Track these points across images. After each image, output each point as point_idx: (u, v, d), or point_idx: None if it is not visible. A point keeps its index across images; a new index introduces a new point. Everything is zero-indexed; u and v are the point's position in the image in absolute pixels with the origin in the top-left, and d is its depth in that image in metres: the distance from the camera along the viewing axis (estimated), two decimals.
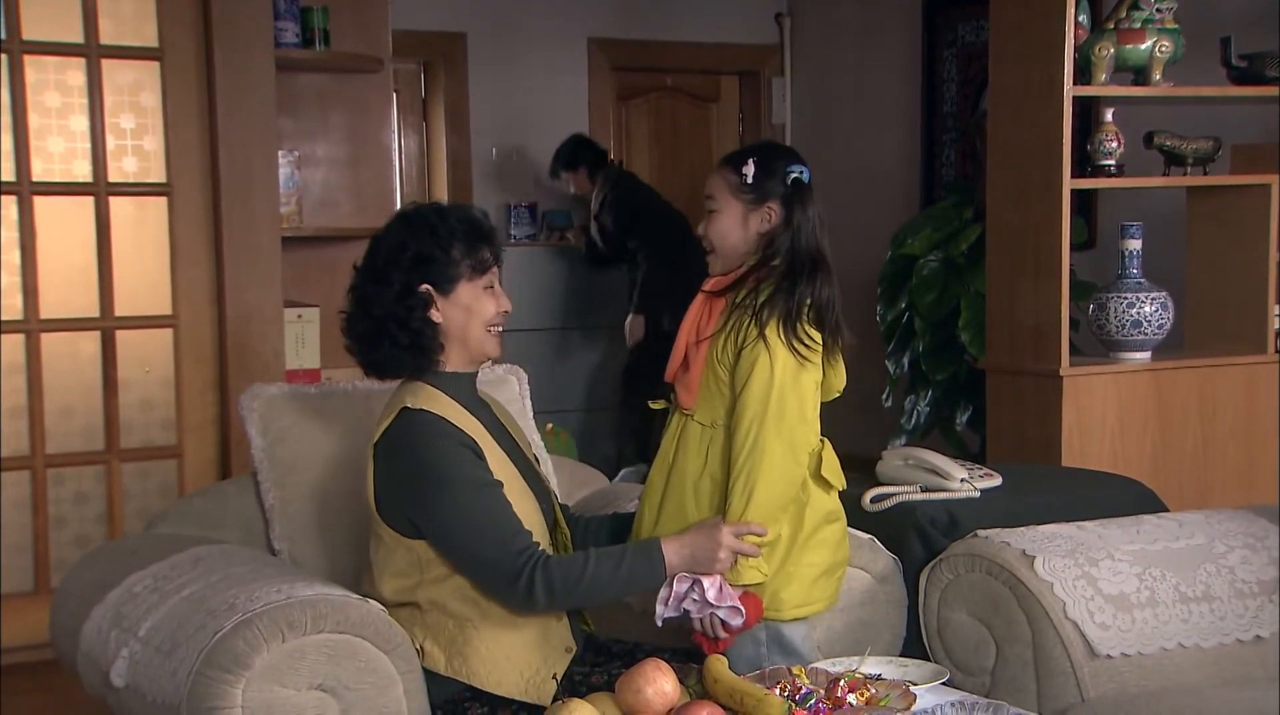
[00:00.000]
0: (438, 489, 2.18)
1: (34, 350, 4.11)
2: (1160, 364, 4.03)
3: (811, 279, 2.37)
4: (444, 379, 2.29)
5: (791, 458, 2.34)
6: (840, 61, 6.98)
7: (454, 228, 2.26)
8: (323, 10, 4.36)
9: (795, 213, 2.40)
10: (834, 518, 2.48)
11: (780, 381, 2.32)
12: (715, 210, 2.46)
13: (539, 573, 2.16)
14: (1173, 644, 2.52)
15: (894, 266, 5.49)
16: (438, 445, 2.20)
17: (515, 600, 2.19)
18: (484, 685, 2.24)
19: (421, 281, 2.24)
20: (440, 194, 6.67)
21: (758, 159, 2.44)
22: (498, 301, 2.30)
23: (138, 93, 4.21)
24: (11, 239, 4.08)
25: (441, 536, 2.21)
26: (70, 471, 4.21)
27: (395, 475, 2.22)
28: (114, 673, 2.28)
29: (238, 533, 2.70)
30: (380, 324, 2.25)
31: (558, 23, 6.73)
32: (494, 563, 2.17)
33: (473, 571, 2.21)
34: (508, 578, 2.17)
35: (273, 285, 4.19)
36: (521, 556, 2.16)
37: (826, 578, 2.46)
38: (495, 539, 2.17)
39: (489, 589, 2.21)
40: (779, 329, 2.34)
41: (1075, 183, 3.92)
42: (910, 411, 5.44)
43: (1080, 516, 2.77)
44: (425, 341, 2.25)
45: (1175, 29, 3.97)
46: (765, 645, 2.40)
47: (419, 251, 2.24)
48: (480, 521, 2.18)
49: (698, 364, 2.40)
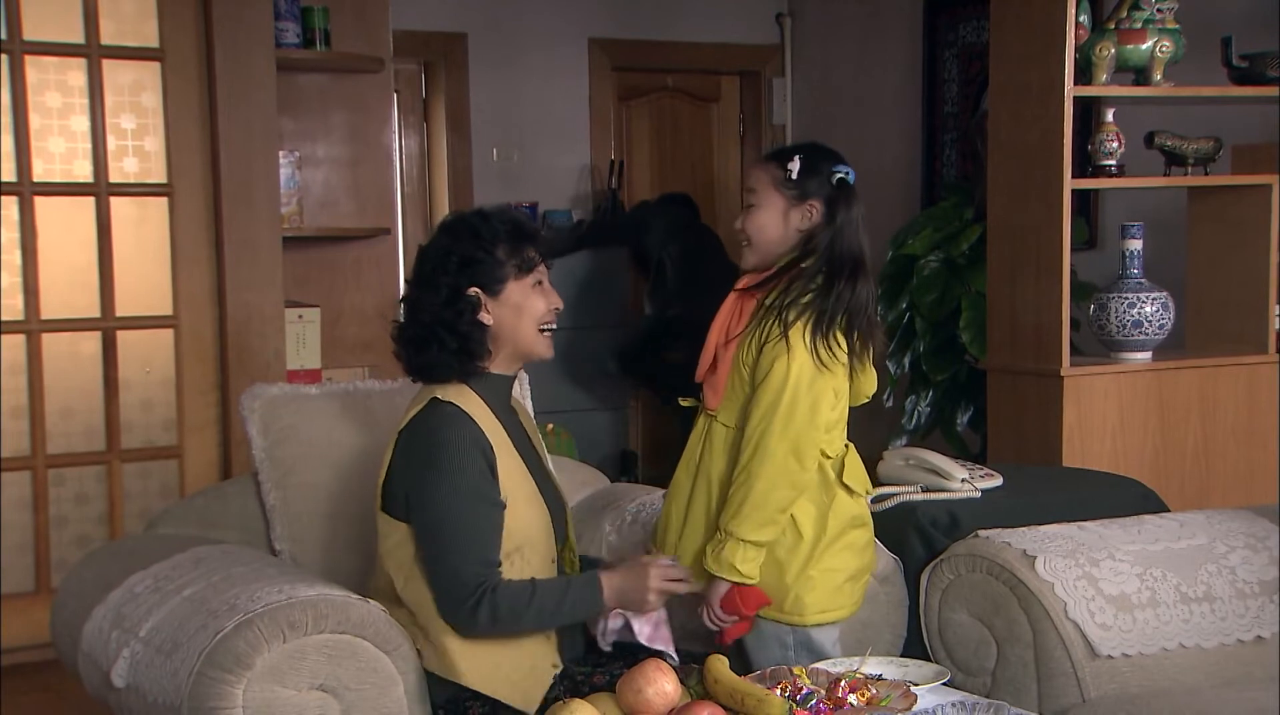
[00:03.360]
0: (440, 480, 2.20)
1: (35, 350, 4.11)
2: (1161, 364, 4.02)
3: (851, 281, 2.37)
4: (481, 380, 2.31)
5: (795, 461, 2.33)
6: (841, 61, 6.97)
7: (497, 229, 2.29)
8: (323, 10, 4.36)
9: (839, 212, 2.39)
10: (859, 523, 2.47)
11: (794, 383, 2.31)
12: (755, 204, 2.43)
13: (487, 598, 2.17)
14: (1174, 644, 2.52)
15: (895, 267, 5.48)
16: (457, 443, 2.22)
17: (459, 616, 2.20)
18: (474, 685, 2.25)
19: (470, 285, 2.27)
20: (441, 194, 6.67)
21: (804, 156, 2.43)
22: (548, 298, 2.33)
23: (138, 93, 4.22)
24: (12, 239, 4.09)
25: (422, 524, 2.22)
26: (71, 472, 4.21)
27: (408, 456, 2.24)
28: (115, 673, 2.28)
29: (238, 533, 2.70)
30: (429, 329, 2.27)
31: (558, 23, 6.72)
32: (453, 572, 2.19)
33: (431, 569, 2.22)
34: (460, 593, 2.18)
35: (273, 285, 4.19)
36: (478, 578, 2.18)
37: (852, 583, 2.45)
38: (466, 552, 2.18)
39: (437, 595, 2.22)
40: (805, 331, 2.33)
41: (1076, 183, 3.92)
42: (911, 412, 5.44)
43: (1081, 516, 2.77)
44: (473, 345, 2.27)
45: (1176, 29, 3.97)
46: (793, 649, 2.40)
47: (464, 255, 2.27)
48: (461, 530, 2.19)
49: (725, 365, 2.40)
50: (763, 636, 2.42)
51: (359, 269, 4.58)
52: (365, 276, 4.58)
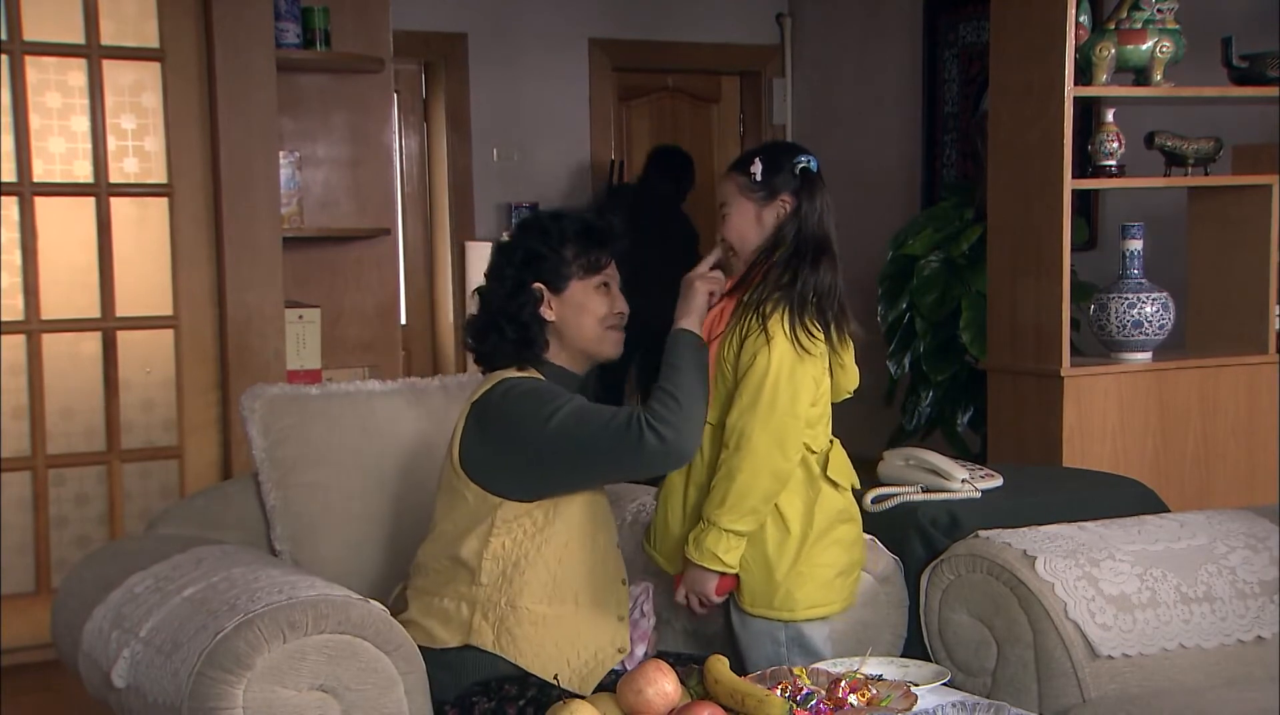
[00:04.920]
0: (535, 414, 2.24)
1: (35, 351, 4.11)
2: (1161, 364, 4.02)
3: (815, 265, 2.38)
4: (549, 368, 2.36)
5: (778, 451, 2.33)
6: (841, 62, 6.98)
7: (566, 229, 2.35)
8: (324, 11, 4.36)
9: (803, 201, 2.41)
10: (847, 517, 2.48)
11: (775, 373, 2.33)
12: (729, 213, 2.46)
13: (649, 426, 2.20)
14: (1174, 644, 2.52)
15: (895, 267, 5.49)
16: (537, 387, 2.29)
17: (650, 457, 2.22)
18: (529, 668, 2.26)
19: (534, 279, 2.33)
20: (441, 195, 6.68)
21: (764, 157, 2.45)
22: (612, 302, 2.37)
23: (139, 93, 4.22)
24: (13, 240, 4.09)
25: (555, 453, 2.24)
26: (71, 472, 4.21)
27: (488, 427, 2.28)
28: (115, 673, 2.28)
29: (239, 533, 2.70)
30: (492, 318, 2.35)
31: (559, 23, 6.73)
32: (610, 432, 2.21)
33: (594, 457, 2.24)
34: (628, 441, 2.20)
35: (274, 286, 4.19)
36: (629, 420, 2.21)
37: (842, 578, 2.46)
38: (600, 422, 2.22)
39: (624, 467, 2.26)
40: (783, 320, 2.34)
41: (1076, 183, 3.92)
42: (911, 412, 5.44)
43: (1081, 517, 2.77)
44: (531, 335, 2.33)
45: (1176, 29, 3.97)
46: (785, 645, 2.40)
47: (530, 249, 2.34)
48: (580, 417, 2.23)
49: (709, 365, 2.41)
50: (754, 633, 2.42)
51: (359, 269, 4.58)
52: (365, 277, 4.58)
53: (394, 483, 2.69)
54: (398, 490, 2.69)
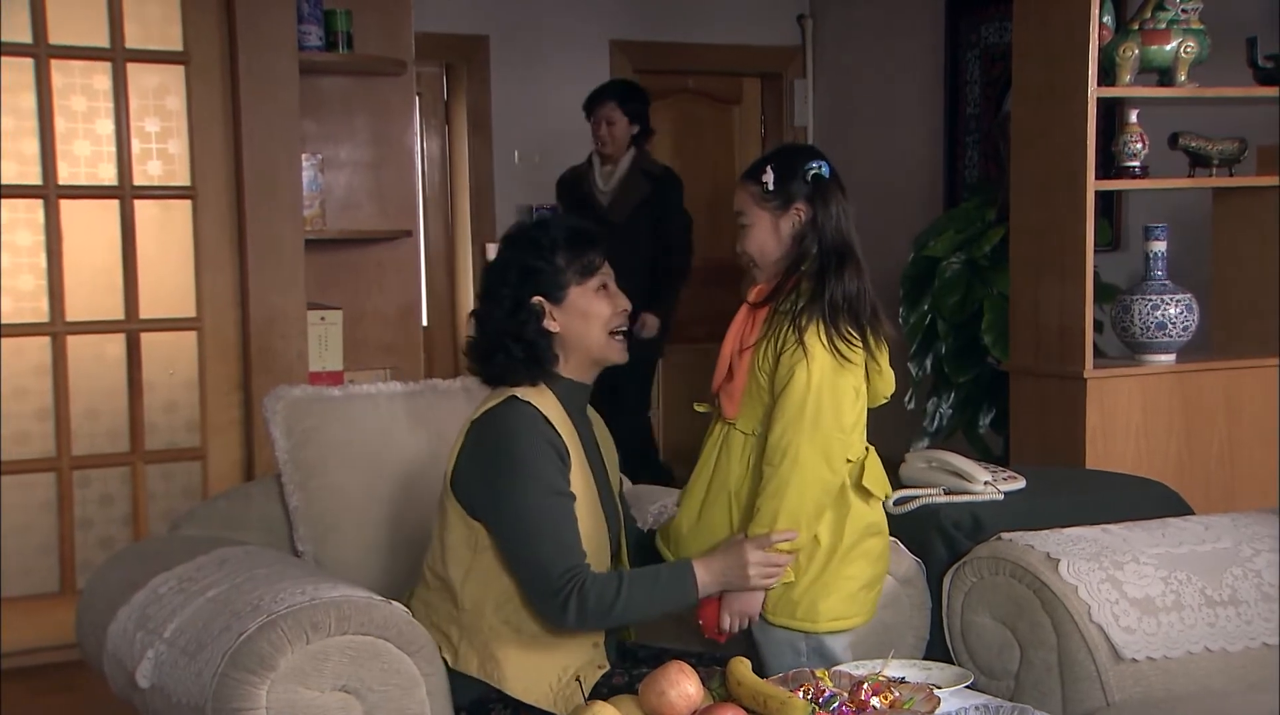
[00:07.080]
0: (514, 479, 2.21)
1: (60, 353, 4.14)
2: (1185, 366, 4.01)
3: (839, 273, 2.37)
4: (559, 382, 2.32)
5: (826, 465, 2.33)
6: (863, 63, 6.96)
7: (555, 236, 2.31)
8: (346, 13, 4.38)
9: (818, 208, 2.40)
10: (876, 530, 2.47)
11: (817, 387, 2.32)
12: (746, 224, 2.45)
13: (575, 592, 2.17)
14: (1199, 648, 2.51)
15: (917, 268, 5.47)
16: (529, 438, 2.23)
17: (550, 612, 2.21)
18: (513, 692, 2.25)
19: (533, 294, 2.28)
20: (462, 197, 6.69)
21: (775, 164, 2.43)
22: (613, 301, 2.33)
23: (163, 96, 4.24)
24: (38, 242, 4.11)
25: (501, 527, 2.22)
26: (96, 473, 4.23)
27: (479, 453, 2.25)
28: (140, 673, 2.30)
29: (261, 534, 2.71)
30: (495, 339, 2.29)
31: (579, 25, 6.73)
32: (542, 570, 2.19)
33: (519, 570, 2.23)
34: (549, 589, 2.18)
35: (296, 288, 4.21)
36: (569, 573, 2.18)
37: (866, 591, 2.45)
38: (550, 547, 2.19)
39: (528, 593, 2.23)
40: (819, 332, 2.33)
41: (1099, 184, 3.90)
42: (933, 414, 5.43)
43: (1105, 519, 2.76)
44: (540, 352, 2.29)
45: (1200, 29, 3.95)
46: (805, 655, 2.40)
47: (524, 264, 2.29)
48: (542, 526, 2.20)
49: (741, 373, 2.40)
50: (775, 641, 2.42)
51: (381, 271, 4.59)
52: (387, 279, 4.59)
53: (416, 485, 2.69)
54: (419, 492, 2.69)
